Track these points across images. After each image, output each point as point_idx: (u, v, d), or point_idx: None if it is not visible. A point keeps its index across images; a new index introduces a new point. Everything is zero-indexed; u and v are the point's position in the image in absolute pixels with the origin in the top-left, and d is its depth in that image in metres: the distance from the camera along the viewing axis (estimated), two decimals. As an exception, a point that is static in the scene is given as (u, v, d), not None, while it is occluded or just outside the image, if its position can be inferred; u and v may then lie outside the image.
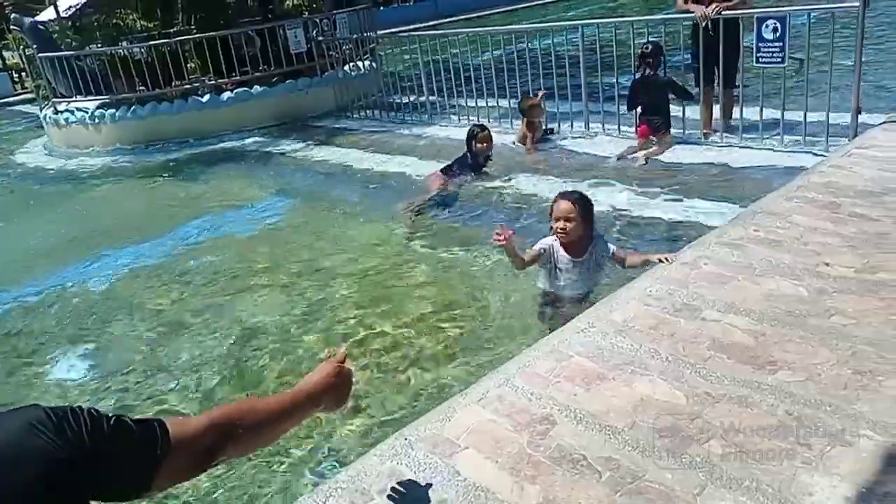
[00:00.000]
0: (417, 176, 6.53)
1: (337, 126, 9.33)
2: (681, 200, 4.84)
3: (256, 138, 9.22)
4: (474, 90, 8.05)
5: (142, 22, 18.56)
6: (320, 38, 10.44)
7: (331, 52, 10.39)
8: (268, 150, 8.71)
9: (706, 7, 5.68)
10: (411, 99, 9.04)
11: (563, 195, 3.56)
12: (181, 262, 5.34)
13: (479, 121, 7.92)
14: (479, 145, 5.90)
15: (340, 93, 10.04)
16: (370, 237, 5.32)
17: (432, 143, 7.74)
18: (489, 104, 8.00)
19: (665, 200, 4.89)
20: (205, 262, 5.29)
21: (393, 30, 15.76)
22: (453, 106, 8.42)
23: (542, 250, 3.66)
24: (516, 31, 8.22)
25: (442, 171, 5.96)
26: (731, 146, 5.78)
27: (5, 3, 25.94)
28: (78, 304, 4.77)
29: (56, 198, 8.06)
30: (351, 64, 10.45)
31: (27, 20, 10.84)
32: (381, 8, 21.79)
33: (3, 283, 5.33)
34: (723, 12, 5.61)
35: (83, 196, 7.99)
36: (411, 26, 22.60)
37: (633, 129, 6.29)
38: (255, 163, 8.30)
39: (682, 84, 6.01)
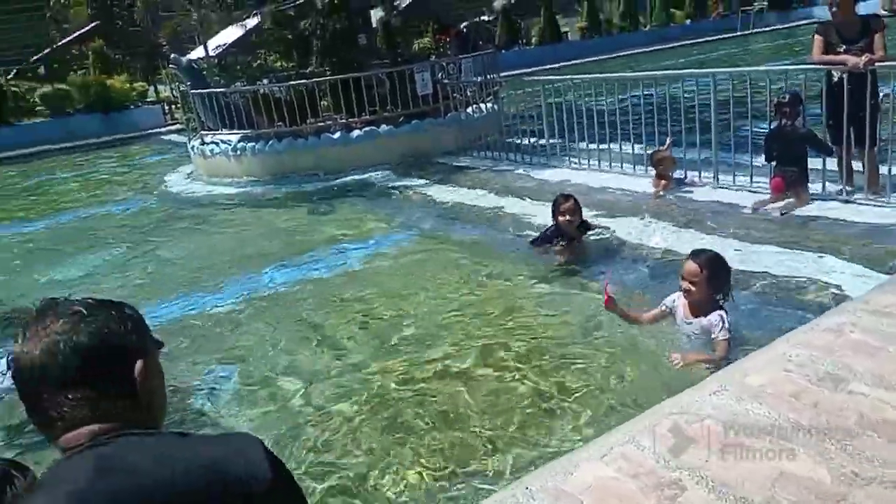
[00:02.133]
0: (532, 218, 6.57)
1: (458, 164, 9.57)
2: (819, 259, 4.57)
3: (381, 174, 9.62)
4: (596, 134, 8.04)
5: (280, 62, 19.96)
6: (445, 81, 10.82)
7: (455, 94, 10.74)
8: (391, 185, 9.06)
9: (851, 58, 5.37)
10: (531, 141, 9.15)
11: (693, 255, 3.50)
12: (301, 289, 5.64)
13: (599, 165, 7.91)
14: (561, 218, 5.21)
15: (462, 133, 10.32)
16: (485, 274, 5.40)
17: (550, 185, 7.76)
18: (611, 148, 7.95)
19: (801, 259, 4.63)
20: (324, 290, 5.56)
21: (514, 72, 16.05)
22: (574, 149, 8.43)
23: (665, 308, 3.63)
24: (644, 77, 8.16)
25: (532, 243, 5.49)
26: (875, 205, 5.41)
27: (163, 43, 28.73)
28: (211, 325, 5.12)
29: (195, 222, 8.77)
30: (473, 106, 10.72)
31: (184, 60, 11.96)
32: (503, 51, 22.26)
33: (142, 301, 5.79)
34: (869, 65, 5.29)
35: (220, 221, 8.62)
36: (532, 69, 22.89)
37: (766, 181, 6.03)
38: (378, 198, 8.65)
39: (821, 137, 5.71)
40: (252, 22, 21.13)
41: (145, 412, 1.20)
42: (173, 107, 23.72)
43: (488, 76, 10.96)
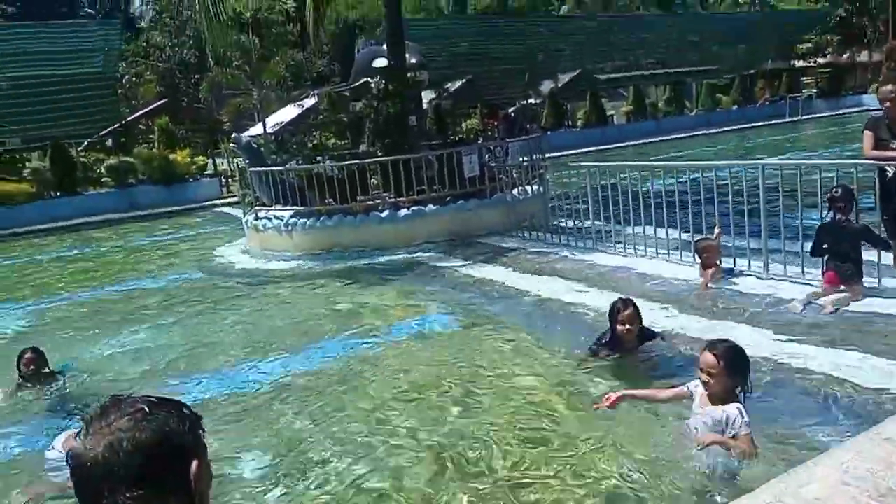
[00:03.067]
0: (577, 303, 6.54)
1: (502, 245, 9.66)
2: (870, 360, 4.41)
3: (427, 253, 9.76)
4: (642, 218, 8.06)
5: (333, 141, 20.78)
6: (492, 164, 11.07)
7: (501, 176, 10.96)
8: (437, 264, 9.17)
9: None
10: (576, 223, 9.21)
11: (710, 345, 3.46)
12: (344, 367, 5.68)
13: (646, 251, 7.88)
14: (620, 326, 4.81)
15: (508, 214, 10.47)
16: (526, 362, 5.35)
17: (595, 269, 7.76)
18: (657, 234, 7.94)
19: (853, 360, 4.46)
20: (367, 368, 5.59)
21: (560, 153, 16.36)
22: (620, 233, 8.44)
23: (687, 390, 3.63)
24: (692, 166, 8.21)
25: (591, 352, 5.11)
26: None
27: (224, 120, 30.23)
28: (249, 403, 5.17)
29: (244, 295, 8.97)
30: (519, 187, 10.91)
31: (243, 139, 12.57)
32: (549, 132, 22.76)
33: (172, 376, 5.88)
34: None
35: (268, 296, 8.82)
36: (578, 150, 23.24)
37: (818, 271, 5.91)
38: (424, 276, 8.74)
39: (878, 232, 5.61)
40: (309, 102, 22.17)
41: None
42: (230, 180, 24.75)
43: (534, 158, 11.19)
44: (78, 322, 8.32)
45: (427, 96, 21.70)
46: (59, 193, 20.63)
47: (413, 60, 13.26)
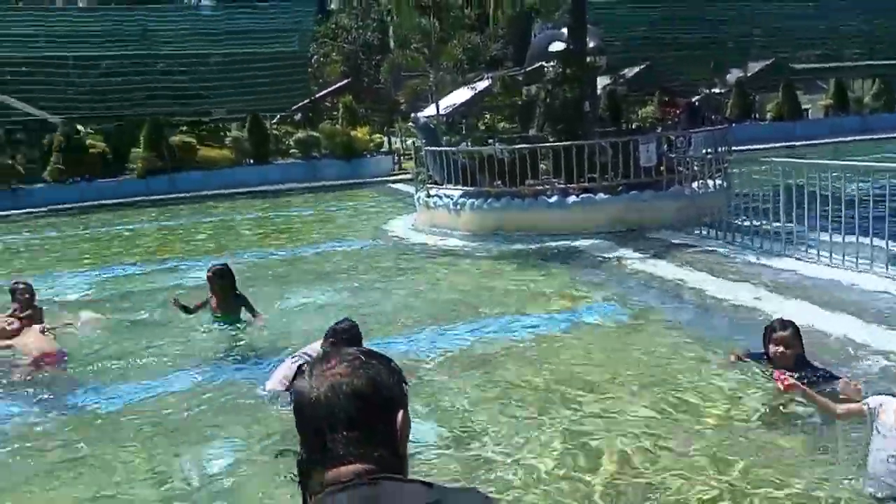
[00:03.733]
0: (756, 310, 6.06)
1: (675, 241, 9.18)
2: None
3: (592, 242, 9.52)
4: (842, 224, 7.26)
5: (504, 124, 20.93)
6: (672, 155, 10.53)
7: (680, 168, 10.40)
8: (602, 255, 8.92)
9: None
10: (762, 224, 8.51)
11: None
12: (499, 349, 5.70)
13: (843, 260, 7.10)
14: (773, 347, 4.27)
15: (684, 209, 9.91)
16: (686, 364, 5.06)
17: (780, 275, 7.13)
18: (860, 242, 7.12)
19: None
20: (522, 353, 5.57)
21: (745, 147, 15.20)
22: (811, 239, 7.70)
23: (867, 407, 3.18)
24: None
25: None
26: None
27: (401, 100, 31.49)
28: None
29: (410, 268, 9.37)
30: (699, 181, 10.29)
31: (421, 119, 13.01)
32: (734, 125, 21.19)
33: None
34: None
35: (432, 270, 9.11)
36: (765, 145, 21.51)
37: None
38: (588, 266, 8.56)
39: None
40: (482, 85, 22.44)
41: (398, 459, 1.29)
42: (402, 158, 25.81)
43: (719, 150, 10.49)
44: (267, 278, 9.11)
45: (601, 82, 21.11)
46: (252, 161, 22.68)
47: (592, 44, 12.94)
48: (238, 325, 6.52)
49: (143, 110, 22.03)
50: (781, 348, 4.22)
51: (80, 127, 21.76)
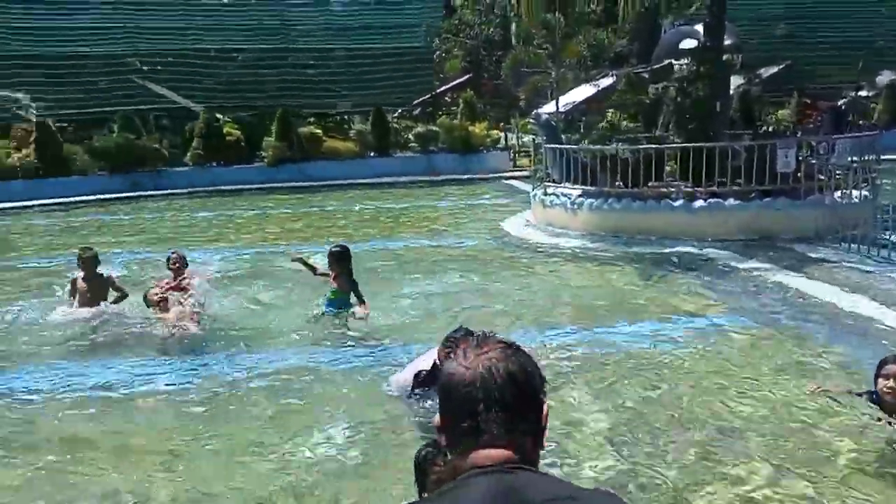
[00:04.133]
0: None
1: (812, 255, 8.56)
2: None
3: (719, 250, 9.06)
4: None
5: (626, 123, 20.30)
6: (813, 161, 9.82)
7: (820, 176, 9.68)
8: (729, 263, 8.48)
9: None
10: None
11: None
12: (611, 355, 5.55)
13: None
14: (883, 381, 3.92)
15: (825, 219, 9.21)
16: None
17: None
18: None
19: None
20: (639, 362, 5.39)
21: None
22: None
23: None
24: None
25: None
26: None
27: (521, 97, 31.33)
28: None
29: (524, 266, 9.31)
30: (842, 190, 9.53)
31: (543, 116, 12.87)
32: (883, 131, 19.38)
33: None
34: None
35: (548, 269, 9.00)
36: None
37: None
38: (713, 274, 8.16)
39: None
40: (605, 82, 21.87)
41: (536, 451, 1.31)
42: (518, 154, 25.67)
43: (866, 158, 9.66)
44: (382, 268, 9.37)
45: (734, 82, 19.99)
46: (374, 154, 23.36)
47: (728, 41, 12.26)
48: (346, 309, 6.73)
49: (275, 102, 23.19)
50: (891, 382, 3.84)
51: (218, 115, 23.20)
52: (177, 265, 7.29)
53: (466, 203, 16.70)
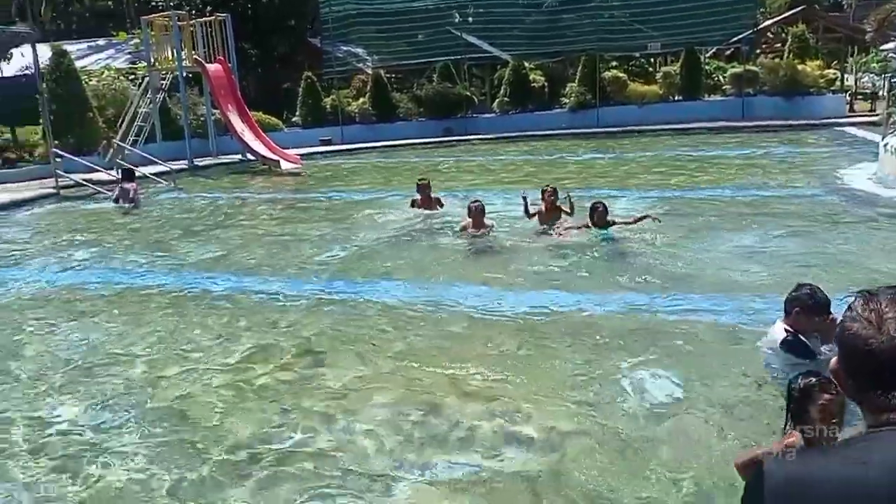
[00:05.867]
0: None
1: None
2: None
3: None
4: None
5: None
6: None
7: None
8: None
9: None
10: None
11: None
12: None
13: None
14: None
15: None
16: None
17: None
18: None
19: None
20: None
21: None
22: None
23: None
24: None
25: None
26: None
27: (866, 30, 26.56)
28: None
29: (868, 224, 8.00)
30: None
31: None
32: None
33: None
34: None
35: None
36: None
37: None
38: None
39: None
40: None
41: None
42: (855, 98, 22.05)
43: None
44: (692, 218, 8.82)
45: None
46: (680, 98, 21.96)
47: None
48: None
49: (580, 47, 22.93)
50: None
51: (525, 63, 23.73)
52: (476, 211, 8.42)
53: (793, 151, 14.83)
